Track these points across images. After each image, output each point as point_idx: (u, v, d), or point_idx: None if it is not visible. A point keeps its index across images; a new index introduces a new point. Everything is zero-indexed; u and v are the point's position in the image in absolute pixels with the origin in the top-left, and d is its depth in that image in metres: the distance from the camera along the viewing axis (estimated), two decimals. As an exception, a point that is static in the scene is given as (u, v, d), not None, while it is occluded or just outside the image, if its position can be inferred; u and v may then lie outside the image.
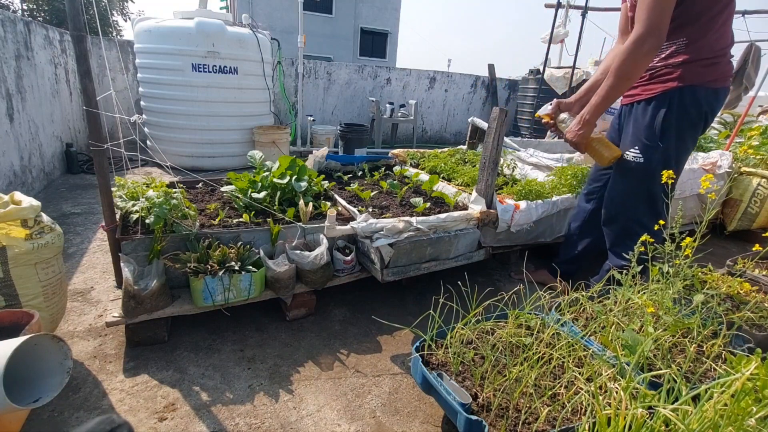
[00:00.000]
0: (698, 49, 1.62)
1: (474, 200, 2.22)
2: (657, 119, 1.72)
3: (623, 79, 1.61)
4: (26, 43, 3.45)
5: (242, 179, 2.18)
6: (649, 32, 1.52)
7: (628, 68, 1.58)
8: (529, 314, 1.49)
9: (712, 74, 1.66)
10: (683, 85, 1.66)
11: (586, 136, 1.78)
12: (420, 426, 1.43)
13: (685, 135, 1.74)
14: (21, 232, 1.41)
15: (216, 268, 1.65)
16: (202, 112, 4.34)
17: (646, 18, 1.51)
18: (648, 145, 1.76)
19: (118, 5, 21.15)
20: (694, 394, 0.98)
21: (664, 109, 1.70)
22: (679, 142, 1.75)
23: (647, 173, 1.78)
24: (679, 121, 1.70)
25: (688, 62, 1.64)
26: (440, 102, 8.16)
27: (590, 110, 1.73)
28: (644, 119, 1.76)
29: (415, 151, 3.37)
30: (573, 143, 1.81)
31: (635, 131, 1.80)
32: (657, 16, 1.50)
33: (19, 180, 3.16)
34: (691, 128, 1.75)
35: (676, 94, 1.68)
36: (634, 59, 1.56)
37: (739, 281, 1.88)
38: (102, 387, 1.48)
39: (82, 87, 1.54)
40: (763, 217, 3.29)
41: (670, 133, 1.72)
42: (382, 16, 19.61)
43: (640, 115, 1.79)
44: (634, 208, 1.88)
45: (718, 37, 1.62)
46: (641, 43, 1.53)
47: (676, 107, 1.69)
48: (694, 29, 1.60)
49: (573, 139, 1.80)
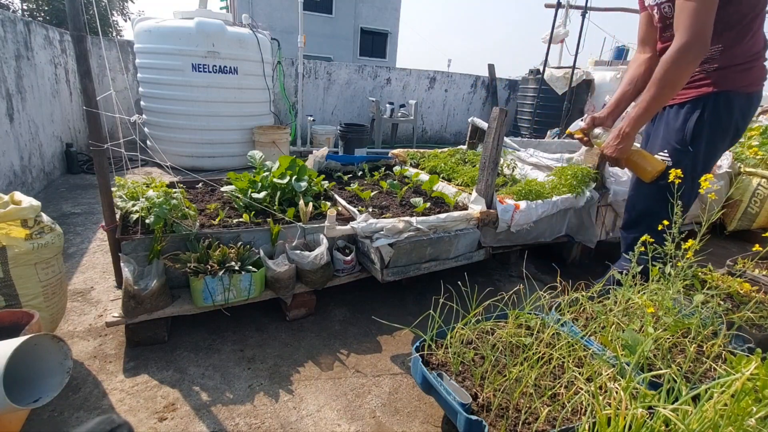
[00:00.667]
0: (733, 55, 1.60)
1: (474, 200, 2.22)
2: (689, 123, 1.69)
3: (667, 89, 1.56)
4: (26, 43, 3.45)
5: (242, 179, 2.18)
6: (695, 40, 1.47)
7: (671, 77, 1.53)
8: (529, 314, 1.49)
9: (746, 79, 1.63)
10: (718, 90, 1.63)
11: (626, 150, 1.73)
12: (420, 426, 1.43)
13: (716, 141, 1.72)
14: (21, 232, 1.41)
15: (216, 268, 1.65)
16: (202, 112, 4.34)
17: (691, 25, 1.46)
18: (678, 149, 1.73)
19: (118, 5, 21.15)
20: (694, 394, 0.98)
21: (696, 114, 1.67)
22: (709, 147, 1.72)
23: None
24: (711, 127, 1.68)
25: (723, 68, 1.61)
26: (440, 102, 8.16)
27: (630, 123, 1.67)
28: (676, 123, 1.73)
29: (415, 151, 3.37)
30: (612, 158, 1.77)
31: (666, 135, 1.77)
32: (702, 23, 1.46)
33: (19, 180, 3.16)
34: (723, 134, 1.72)
35: (710, 100, 1.65)
36: (679, 68, 1.51)
37: (739, 281, 1.88)
38: (102, 387, 1.48)
39: (82, 87, 1.54)
40: (763, 217, 3.29)
41: (701, 139, 1.69)
42: (382, 16, 19.61)
43: (671, 118, 1.76)
44: (658, 214, 1.83)
45: (753, 41, 1.60)
46: (686, 51, 1.48)
47: (709, 112, 1.66)
48: (730, 35, 1.58)
49: (612, 154, 1.75)
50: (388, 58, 20.24)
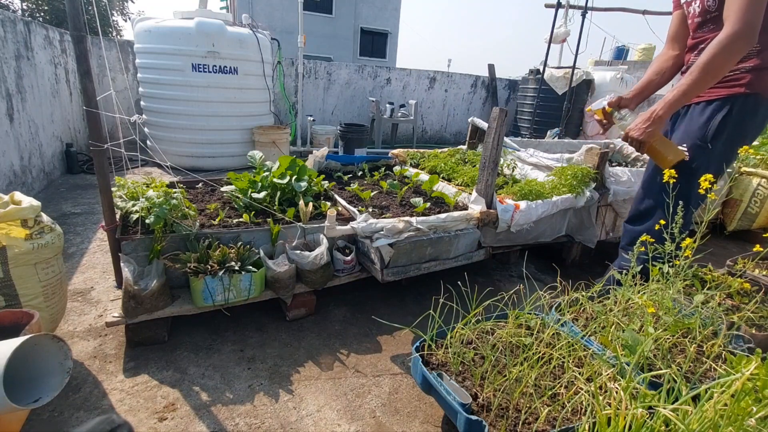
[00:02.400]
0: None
1: (474, 200, 2.22)
2: (713, 121, 1.68)
3: (709, 75, 1.53)
4: (26, 43, 3.45)
5: (242, 179, 2.18)
6: (747, 30, 1.45)
7: (717, 64, 1.51)
8: (529, 314, 1.49)
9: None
10: (749, 92, 1.62)
11: (655, 134, 1.68)
12: (420, 426, 1.43)
13: (735, 142, 1.71)
14: (21, 232, 1.41)
15: (216, 268, 1.65)
16: (202, 112, 4.34)
17: (743, 15, 1.45)
18: (698, 145, 1.72)
19: (118, 5, 21.15)
20: (694, 394, 0.98)
21: (723, 112, 1.66)
22: (727, 148, 1.71)
23: (690, 172, 1.73)
24: (734, 128, 1.67)
25: (758, 68, 1.60)
26: (440, 102, 8.16)
27: (665, 106, 1.62)
28: (700, 119, 1.72)
29: (415, 151, 3.37)
30: (637, 141, 1.73)
31: (687, 129, 1.77)
32: (755, 13, 1.44)
33: (19, 180, 3.16)
34: (743, 137, 1.71)
35: (739, 100, 1.64)
36: (726, 55, 1.49)
37: (739, 281, 1.88)
38: (102, 387, 1.48)
39: (82, 87, 1.54)
40: (763, 217, 3.29)
41: (722, 138, 1.68)
42: (382, 16, 19.61)
43: (697, 114, 1.75)
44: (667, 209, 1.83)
45: None
46: (737, 40, 1.46)
47: (735, 113, 1.65)
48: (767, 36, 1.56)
49: (640, 136, 1.70)
50: (388, 58, 20.24)
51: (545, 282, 2.51)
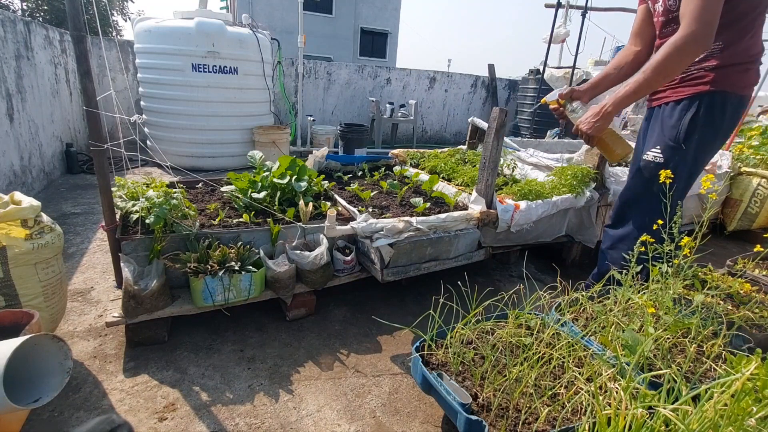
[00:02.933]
0: (733, 54, 1.58)
1: (474, 200, 2.22)
2: (683, 121, 1.67)
3: (661, 75, 1.53)
4: (26, 43, 3.45)
5: (242, 179, 2.18)
6: (702, 31, 1.43)
7: (669, 65, 1.50)
8: (529, 314, 1.49)
9: (743, 80, 1.62)
10: (715, 89, 1.61)
11: (603, 128, 1.70)
12: (420, 426, 1.43)
13: (709, 140, 1.71)
14: (21, 232, 1.41)
15: (216, 268, 1.65)
16: (202, 112, 4.34)
17: (700, 15, 1.43)
18: (670, 146, 1.72)
19: (118, 5, 21.16)
20: (694, 394, 0.98)
21: (692, 112, 1.65)
22: (701, 147, 1.71)
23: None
24: (705, 126, 1.66)
25: (722, 67, 1.59)
26: (440, 102, 8.16)
27: (615, 101, 1.63)
28: (670, 120, 1.72)
29: (415, 151, 3.37)
30: (586, 134, 1.74)
31: (660, 131, 1.76)
32: (711, 14, 1.42)
33: (19, 180, 3.16)
34: (715, 135, 1.71)
35: (706, 99, 1.63)
36: (679, 56, 1.48)
37: (739, 281, 1.88)
38: (102, 387, 1.48)
39: (82, 87, 1.54)
40: (763, 217, 3.29)
41: (694, 137, 1.67)
42: (382, 16, 19.61)
43: (666, 116, 1.74)
44: (647, 212, 1.81)
45: (753, 42, 1.59)
46: (691, 41, 1.45)
47: (703, 112, 1.64)
48: (731, 33, 1.56)
49: (588, 130, 1.72)
50: (388, 58, 20.24)
51: (545, 282, 2.51)
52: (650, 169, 1.78)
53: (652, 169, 1.76)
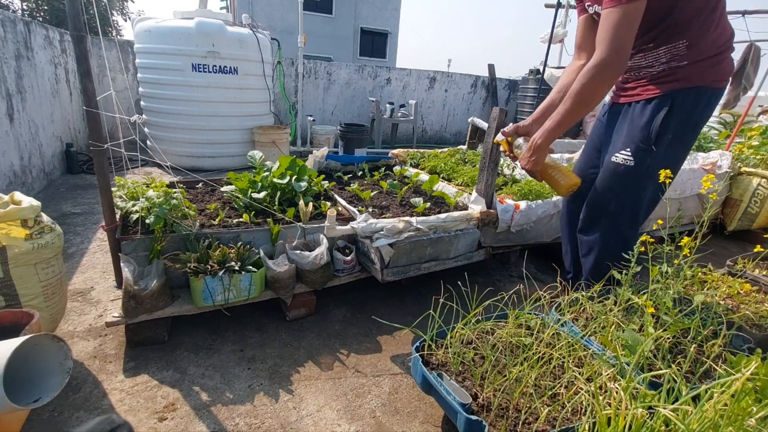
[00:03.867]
0: (702, 49, 1.53)
1: (474, 200, 2.22)
2: (655, 121, 1.60)
3: (581, 104, 1.50)
4: (26, 43, 3.45)
5: (242, 179, 2.18)
6: (614, 58, 1.42)
7: (587, 94, 1.47)
8: (529, 314, 1.49)
9: (717, 73, 1.57)
10: (689, 86, 1.55)
11: (540, 162, 1.63)
12: (420, 426, 1.43)
13: (683, 139, 1.64)
14: (21, 232, 1.41)
15: (216, 268, 1.65)
16: (202, 112, 4.34)
17: (611, 42, 1.41)
18: (641, 148, 1.63)
19: (118, 5, 21.16)
20: (694, 394, 0.98)
21: (664, 111, 1.58)
22: (675, 147, 1.64)
23: (636, 178, 1.66)
24: (678, 125, 1.59)
25: (693, 63, 1.54)
26: (440, 102, 8.16)
27: (543, 135, 1.58)
28: (641, 120, 1.64)
29: (415, 151, 3.37)
30: (527, 171, 1.68)
31: (630, 132, 1.68)
32: (621, 39, 1.40)
33: (19, 180, 3.16)
34: (690, 132, 1.64)
35: (679, 96, 1.57)
36: (595, 85, 1.45)
37: (739, 282, 1.88)
38: (102, 387, 1.48)
39: (82, 87, 1.54)
40: (763, 217, 3.29)
41: (666, 138, 1.60)
42: (382, 16, 19.61)
43: (637, 115, 1.67)
44: (615, 216, 1.75)
45: (720, 31, 1.54)
46: (604, 68, 1.43)
47: (677, 110, 1.57)
48: (692, 31, 1.52)
49: (526, 166, 1.66)
50: (388, 58, 20.24)
51: (545, 282, 2.51)
52: (620, 172, 1.68)
53: (622, 172, 1.67)
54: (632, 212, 1.75)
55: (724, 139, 4.81)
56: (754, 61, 5.94)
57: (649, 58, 1.60)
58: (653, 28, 1.54)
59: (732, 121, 5.94)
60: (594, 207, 1.81)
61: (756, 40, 5.89)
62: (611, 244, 1.76)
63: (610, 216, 1.76)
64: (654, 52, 1.58)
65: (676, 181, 2.86)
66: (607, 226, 1.78)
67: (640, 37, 1.54)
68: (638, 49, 1.62)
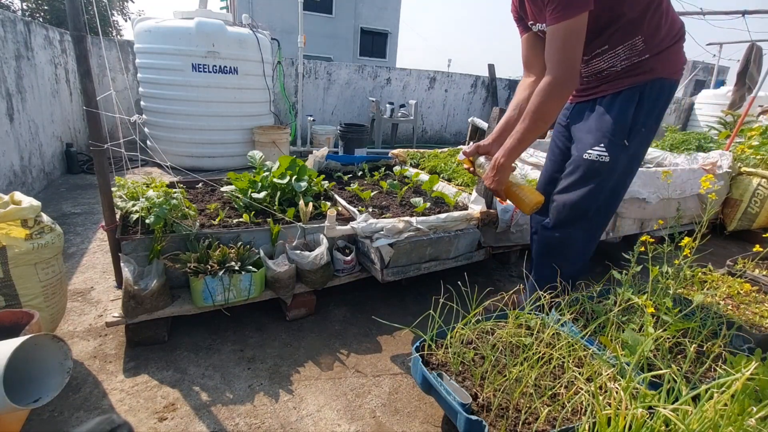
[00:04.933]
0: (659, 42, 1.53)
1: (474, 200, 2.22)
2: (627, 115, 1.59)
3: (540, 122, 1.52)
4: (26, 43, 3.45)
5: (242, 179, 2.18)
6: (566, 73, 1.44)
7: (543, 111, 1.49)
8: (529, 314, 1.49)
9: (675, 64, 1.58)
10: (654, 77, 1.56)
11: (503, 181, 1.61)
12: (420, 426, 1.43)
13: (651, 131, 1.64)
14: (21, 232, 1.41)
15: (216, 268, 1.65)
16: (202, 112, 4.34)
17: (562, 58, 1.43)
18: (615, 143, 1.61)
19: (118, 5, 21.17)
20: (694, 394, 0.98)
21: (634, 104, 1.58)
22: (643, 139, 1.63)
23: (611, 174, 1.63)
24: (648, 117, 1.59)
25: (655, 54, 1.54)
26: (440, 102, 8.16)
27: (505, 153, 1.56)
28: (611, 113, 1.62)
29: (415, 151, 3.37)
30: (491, 190, 1.66)
31: (601, 127, 1.64)
32: (570, 57, 1.43)
33: (19, 180, 3.16)
34: (655, 124, 1.64)
35: (646, 88, 1.56)
36: (550, 102, 1.48)
37: (739, 281, 1.88)
38: (102, 387, 1.48)
39: (82, 87, 1.54)
40: (763, 217, 3.29)
41: (638, 130, 1.60)
42: (382, 16, 19.60)
43: (606, 110, 1.64)
44: (593, 216, 1.71)
45: (671, 22, 1.54)
46: (560, 86, 1.45)
47: (645, 101, 1.57)
48: (644, 27, 1.51)
49: (490, 185, 1.64)
50: (388, 58, 20.24)
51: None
52: (594, 169, 1.64)
53: (597, 168, 1.64)
54: (608, 210, 1.74)
55: (724, 139, 4.82)
56: (756, 60, 5.94)
57: (608, 60, 1.60)
58: (602, 33, 1.54)
59: (732, 121, 5.93)
60: (565, 208, 1.75)
61: (757, 40, 5.88)
62: (581, 245, 1.76)
63: (588, 217, 1.71)
64: (611, 53, 1.58)
65: (676, 181, 2.86)
66: (584, 226, 1.73)
67: (591, 43, 1.55)
68: (592, 55, 1.62)
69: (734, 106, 6.04)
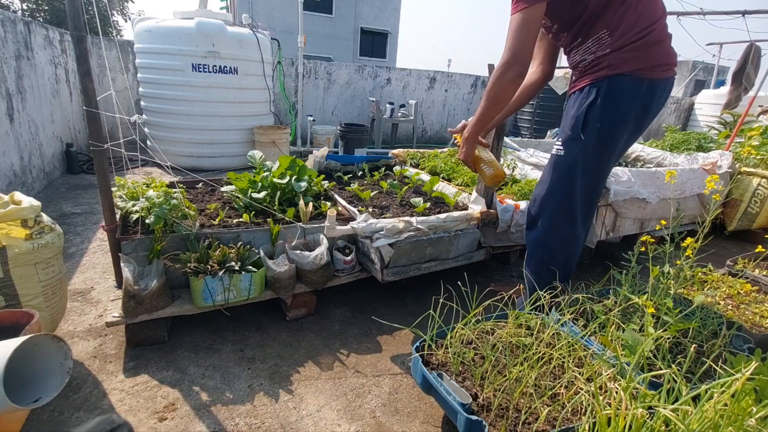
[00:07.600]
0: (622, 36, 1.51)
1: (474, 200, 2.22)
2: (581, 109, 1.61)
3: (492, 101, 1.58)
4: (26, 43, 3.45)
5: (242, 179, 2.18)
6: (514, 58, 1.49)
7: (495, 93, 1.55)
8: (529, 314, 1.49)
9: (644, 60, 1.53)
10: (614, 73, 1.55)
11: (469, 154, 1.72)
12: (420, 426, 1.43)
13: (611, 129, 1.61)
14: (21, 232, 1.41)
15: (216, 268, 1.65)
16: (202, 112, 4.34)
17: (512, 44, 1.49)
18: (570, 137, 1.65)
19: (118, 5, 21.17)
20: (694, 394, 0.98)
21: (590, 99, 1.59)
22: (603, 137, 1.61)
23: (566, 168, 1.66)
24: (606, 115, 1.58)
25: (616, 50, 1.53)
26: (440, 102, 8.16)
27: (469, 129, 1.69)
28: (571, 110, 1.67)
29: (415, 151, 3.37)
30: (462, 161, 1.78)
31: (563, 123, 1.71)
32: (520, 42, 1.48)
33: (19, 180, 3.16)
34: (619, 122, 1.61)
35: (604, 84, 1.57)
36: (501, 85, 1.53)
37: (739, 282, 1.88)
38: (102, 387, 1.48)
39: (82, 87, 1.54)
40: (764, 217, 3.29)
41: (594, 126, 1.60)
42: (382, 16, 19.61)
43: (570, 106, 1.70)
44: (552, 210, 1.74)
45: (639, 16, 1.50)
46: (506, 70, 1.50)
47: (603, 98, 1.57)
48: (608, 18, 1.51)
49: (459, 157, 1.77)
50: (388, 58, 20.24)
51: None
52: (552, 164, 1.71)
53: (554, 163, 1.70)
54: (568, 208, 1.73)
55: (724, 139, 4.81)
56: (754, 60, 5.93)
57: (582, 53, 1.63)
58: (573, 25, 1.58)
59: (732, 121, 5.93)
60: (534, 204, 1.83)
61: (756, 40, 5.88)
62: (547, 247, 1.76)
63: (547, 211, 1.76)
64: (583, 46, 1.61)
65: (676, 181, 2.86)
66: (546, 224, 1.77)
67: (566, 35, 1.63)
68: (570, 48, 1.67)
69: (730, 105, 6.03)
